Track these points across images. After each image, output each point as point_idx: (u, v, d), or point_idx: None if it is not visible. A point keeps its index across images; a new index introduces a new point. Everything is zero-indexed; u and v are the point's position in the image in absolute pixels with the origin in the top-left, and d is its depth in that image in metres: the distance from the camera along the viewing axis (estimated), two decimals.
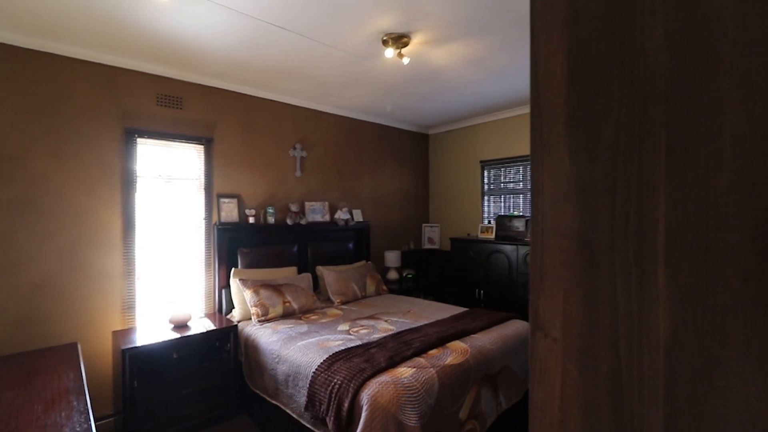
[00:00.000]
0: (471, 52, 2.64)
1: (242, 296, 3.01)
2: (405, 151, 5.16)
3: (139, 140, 2.98)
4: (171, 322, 2.86)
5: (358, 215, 4.37)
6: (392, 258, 4.59)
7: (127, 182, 2.90)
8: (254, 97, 3.62)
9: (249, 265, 3.31)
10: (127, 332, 2.74)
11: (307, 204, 3.93)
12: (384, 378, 1.67)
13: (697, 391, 0.47)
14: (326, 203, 4.09)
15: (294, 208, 3.74)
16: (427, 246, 5.30)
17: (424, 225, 5.40)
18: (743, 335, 0.44)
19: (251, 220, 3.44)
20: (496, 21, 2.20)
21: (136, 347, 2.45)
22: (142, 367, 2.54)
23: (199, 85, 3.27)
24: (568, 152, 0.58)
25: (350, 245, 4.25)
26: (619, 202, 0.53)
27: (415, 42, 2.43)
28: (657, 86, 0.50)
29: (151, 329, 2.80)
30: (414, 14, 2.13)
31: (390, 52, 2.38)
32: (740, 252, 0.44)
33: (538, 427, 0.62)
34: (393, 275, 4.60)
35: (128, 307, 2.89)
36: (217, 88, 3.38)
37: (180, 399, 2.57)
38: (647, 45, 0.51)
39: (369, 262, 4.21)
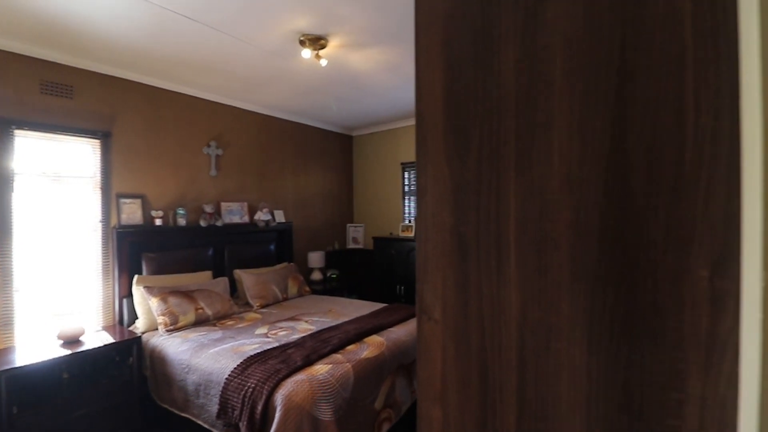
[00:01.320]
0: (387, 58, 2.75)
1: (147, 305, 2.77)
2: (329, 152, 5.17)
3: (17, 132, 2.59)
4: (60, 338, 2.53)
5: (280, 216, 4.28)
6: (316, 259, 4.56)
7: (0, 181, 2.51)
8: (162, 89, 3.35)
9: (156, 271, 3.06)
10: (3, 353, 2.37)
11: (224, 205, 3.74)
12: (300, 377, 1.68)
13: (540, 355, 0.57)
14: (245, 204, 3.94)
15: (208, 209, 3.54)
16: (351, 246, 5.36)
17: (348, 225, 5.45)
18: (569, 305, 0.55)
19: (158, 222, 3.18)
20: (406, 32, 2.33)
21: (14, 368, 2.13)
22: (23, 391, 2.22)
23: (94, 72, 2.94)
24: (446, 158, 0.66)
25: (271, 247, 4.14)
26: (482, 201, 0.62)
27: (333, 45, 2.47)
28: (509, 104, 0.60)
29: (34, 347, 2.45)
30: (330, 17, 2.16)
31: (307, 53, 2.38)
32: (566, 238, 0.55)
33: (423, 400, 0.70)
34: (317, 276, 4.58)
35: (4, 324, 2.50)
36: (117, 78, 3.07)
37: (74, 422, 2.30)
38: (502, 69, 0.60)
39: (292, 263, 4.14)
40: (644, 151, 0.49)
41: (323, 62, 2.54)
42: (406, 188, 5.03)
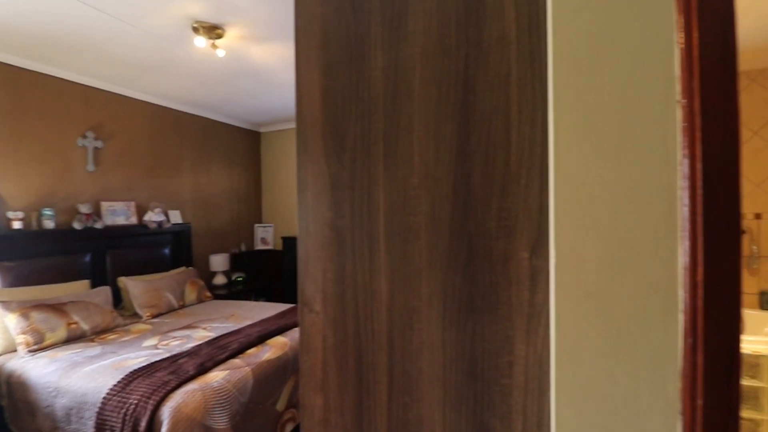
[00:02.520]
0: (291, 54, 2.71)
1: (2, 323, 2.34)
2: (235, 149, 4.88)
3: None
4: None
5: (176, 217, 3.92)
6: (219, 262, 4.29)
7: None
8: (24, 69, 2.84)
9: (14, 283, 2.59)
10: None
11: (105, 204, 3.31)
12: (192, 387, 1.58)
13: (405, 335, 0.63)
14: (132, 203, 3.53)
15: (85, 209, 3.10)
16: (260, 247, 5.14)
17: (256, 225, 5.22)
18: (427, 288, 0.62)
19: (17, 225, 2.70)
20: None
21: None
22: None
23: None
24: (324, 155, 0.69)
25: (166, 251, 3.78)
26: (356, 196, 0.67)
27: (232, 36, 2.35)
28: (378, 107, 0.65)
29: None
30: (225, 6, 2.06)
31: (201, 41, 2.24)
32: (424, 229, 0.62)
33: (306, 390, 0.72)
34: (220, 280, 4.30)
35: None
36: None
37: None
38: (372, 74, 0.65)
39: (191, 267, 3.83)
40: (482, 153, 0.57)
41: (220, 52, 2.40)
42: None
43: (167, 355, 1.98)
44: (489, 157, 0.57)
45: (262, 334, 2.18)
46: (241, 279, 4.51)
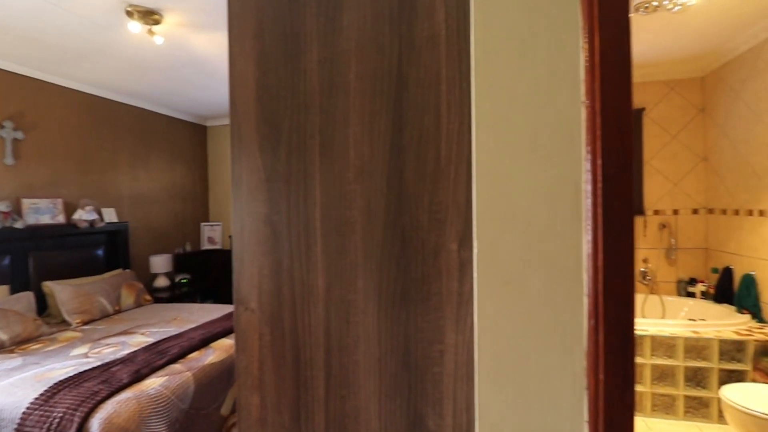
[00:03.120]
0: None
1: None
2: (178, 142, 4.61)
3: None
4: None
5: (110, 215, 3.64)
6: (161, 263, 4.04)
7: None
8: None
9: None
10: None
11: (27, 202, 3.00)
12: (125, 395, 1.48)
13: (341, 329, 0.64)
14: (59, 200, 3.23)
15: (2, 206, 2.79)
16: (207, 246, 4.91)
17: (203, 224, 4.97)
18: (363, 282, 0.62)
19: None
20: None
21: None
22: None
23: None
24: (259, 149, 0.68)
25: (99, 252, 3.50)
26: (292, 191, 0.66)
27: (171, 22, 2.21)
28: (314, 100, 0.64)
29: None
30: None
31: (136, 27, 2.09)
32: (360, 223, 0.62)
33: (243, 389, 0.70)
34: (162, 282, 4.05)
35: None
36: None
37: None
38: (308, 66, 0.65)
39: (128, 270, 3.57)
40: (414, 148, 0.58)
41: (158, 40, 2.26)
42: None
43: (98, 363, 1.84)
44: (421, 152, 0.58)
45: (205, 337, 2.08)
46: (185, 281, 4.29)
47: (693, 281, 2.89)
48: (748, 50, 2.48)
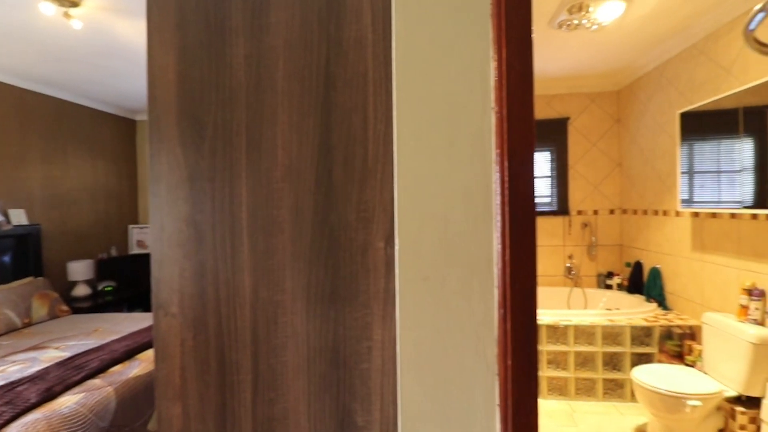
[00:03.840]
0: None
1: None
2: (101, 138, 4.22)
3: None
4: None
5: (19, 217, 3.24)
6: (80, 269, 3.67)
7: None
8: None
9: None
10: None
11: None
12: (33, 417, 1.32)
13: (269, 330, 0.62)
14: None
15: None
16: (136, 251, 4.54)
17: (131, 226, 4.60)
18: (291, 282, 0.62)
19: None
20: None
21: None
22: None
23: None
24: (180, 145, 0.64)
25: (5, 258, 3.11)
26: (217, 189, 0.63)
27: (91, 5, 2.02)
28: (240, 96, 0.63)
29: None
30: None
31: (50, 8, 1.88)
32: (288, 223, 0.61)
33: (162, 400, 0.66)
34: (83, 291, 3.68)
35: None
36: None
37: None
38: (234, 61, 0.63)
39: (40, 278, 3.21)
40: (342, 148, 0.59)
41: (76, 24, 2.06)
42: None
43: (1, 383, 1.63)
44: (349, 152, 0.59)
45: (130, 349, 1.93)
46: (110, 288, 3.94)
47: (610, 274, 3.19)
48: (654, 68, 2.80)
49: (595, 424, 2.15)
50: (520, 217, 0.44)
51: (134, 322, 2.64)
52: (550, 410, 2.30)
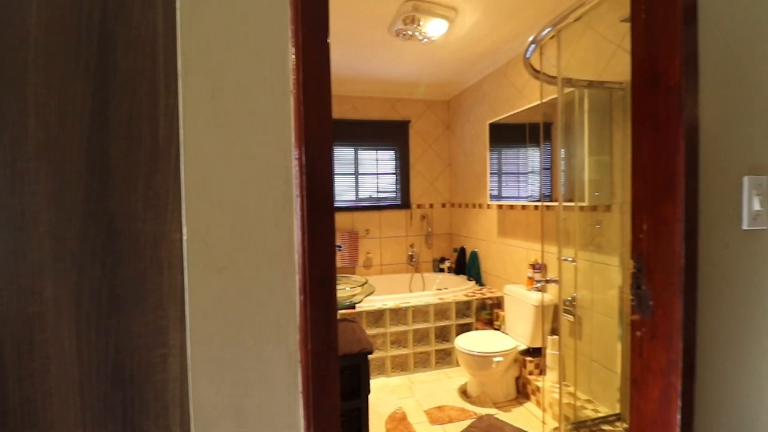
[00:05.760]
0: None
1: None
2: None
3: None
4: None
5: None
6: None
7: None
8: None
9: None
10: None
11: None
12: None
13: (22, 353, 0.48)
14: None
15: None
16: None
17: None
18: (54, 288, 0.49)
19: None
20: None
21: None
22: None
23: None
24: None
25: None
26: None
27: None
28: None
29: None
30: None
31: None
32: (47, 213, 0.49)
33: None
34: None
35: None
36: None
37: None
38: None
39: None
40: (125, 123, 0.49)
41: None
42: None
43: None
44: (134, 128, 0.50)
45: None
46: None
47: (443, 260, 3.65)
48: (474, 84, 3.29)
49: (428, 390, 2.43)
50: (318, 201, 0.43)
51: None
52: (393, 386, 2.50)
